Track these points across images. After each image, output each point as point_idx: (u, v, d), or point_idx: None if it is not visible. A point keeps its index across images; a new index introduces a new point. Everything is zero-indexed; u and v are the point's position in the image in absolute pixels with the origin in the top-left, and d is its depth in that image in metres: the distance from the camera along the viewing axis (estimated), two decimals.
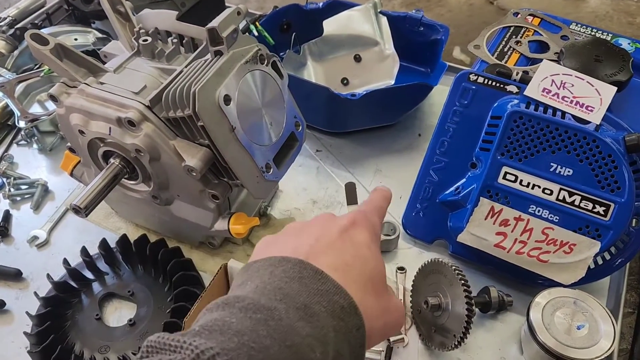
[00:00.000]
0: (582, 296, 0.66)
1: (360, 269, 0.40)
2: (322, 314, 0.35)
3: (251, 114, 0.65)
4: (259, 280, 0.37)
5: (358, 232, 0.43)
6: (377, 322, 0.39)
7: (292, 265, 0.37)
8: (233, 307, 0.33)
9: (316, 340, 0.33)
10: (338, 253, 0.40)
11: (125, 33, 0.76)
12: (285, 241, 0.43)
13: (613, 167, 0.66)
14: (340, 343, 0.35)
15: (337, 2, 1.04)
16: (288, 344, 0.32)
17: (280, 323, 0.33)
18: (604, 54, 0.77)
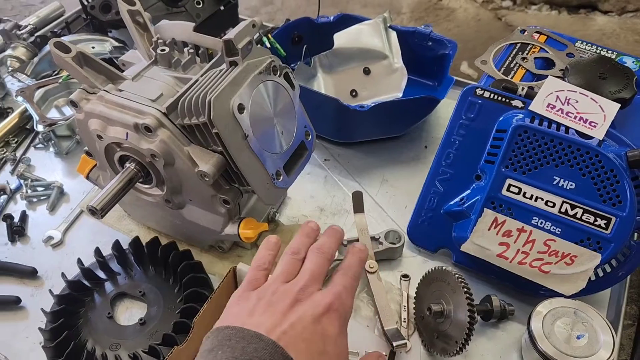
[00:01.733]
0: (583, 307, 0.67)
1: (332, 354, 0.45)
2: None
3: (263, 123, 0.68)
4: (231, 352, 0.40)
5: (330, 323, 0.47)
6: None
7: (265, 345, 0.41)
8: None
9: None
10: (309, 344, 0.44)
11: (144, 43, 0.79)
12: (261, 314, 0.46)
13: (615, 181, 0.68)
14: None
15: (347, 16, 1.07)
16: None
17: None
18: (609, 71, 0.79)
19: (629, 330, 0.73)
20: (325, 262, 0.53)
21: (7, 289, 0.77)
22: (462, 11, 3.39)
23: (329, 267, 0.55)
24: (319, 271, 0.52)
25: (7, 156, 0.96)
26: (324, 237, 0.57)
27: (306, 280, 0.50)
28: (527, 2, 3.38)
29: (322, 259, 0.53)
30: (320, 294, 0.49)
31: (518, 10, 3.34)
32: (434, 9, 3.41)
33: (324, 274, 0.53)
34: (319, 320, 0.46)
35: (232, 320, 0.45)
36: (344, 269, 0.54)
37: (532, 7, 3.35)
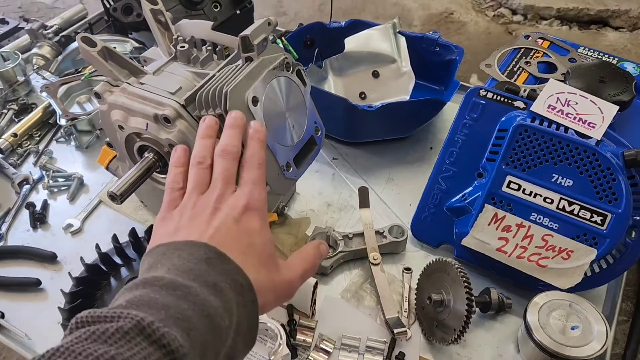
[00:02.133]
0: (578, 300, 0.70)
1: (253, 254, 0.47)
2: (227, 290, 0.42)
3: (276, 116, 0.71)
4: (170, 263, 0.43)
5: (250, 220, 0.49)
6: (268, 295, 0.47)
7: (198, 248, 0.44)
8: (153, 286, 0.39)
9: (225, 311, 0.41)
10: (236, 241, 0.47)
11: (164, 40, 0.83)
12: (187, 228, 0.48)
13: (611, 179, 0.71)
14: (241, 314, 0.43)
15: (358, 21, 1.11)
16: (205, 314, 0.39)
17: (197, 298, 0.40)
18: (608, 75, 0.82)
19: (624, 326, 0.75)
20: (233, 163, 0.54)
21: (29, 272, 0.81)
22: (473, 24, 3.43)
23: (237, 162, 0.55)
24: (229, 174, 0.53)
25: (31, 149, 1.00)
26: (225, 136, 0.56)
27: (219, 188, 0.51)
28: (538, 16, 3.41)
29: (228, 161, 0.54)
30: (234, 197, 0.51)
31: (529, 24, 3.37)
32: (445, 21, 3.46)
33: (234, 173, 0.54)
34: (240, 220, 0.49)
35: (161, 239, 0.47)
36: (247, 161, 0.55)
37: (542, 21, 3.38)
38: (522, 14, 3.42)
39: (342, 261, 0.82)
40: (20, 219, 0.89)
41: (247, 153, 0.55)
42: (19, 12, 1.36)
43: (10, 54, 1.11)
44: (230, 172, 0.53)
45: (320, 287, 0.79)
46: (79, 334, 0.34)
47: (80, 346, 0.32)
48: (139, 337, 0.34)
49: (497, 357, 0.72)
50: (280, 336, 0.70)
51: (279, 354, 0.69)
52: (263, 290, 0.46)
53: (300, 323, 0.73)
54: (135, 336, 0.34)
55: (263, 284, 0.47)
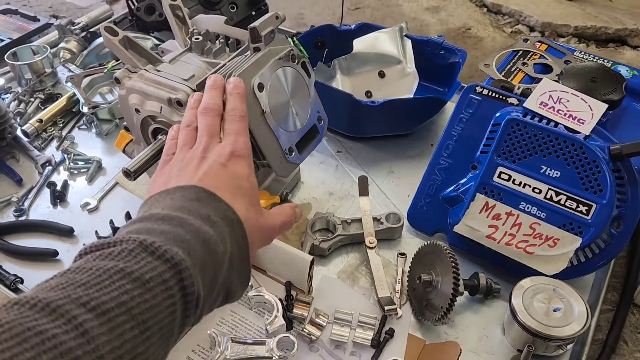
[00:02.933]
0: (561, 285, 0.73)
1: (242, 195, 0.51)
2: (219, 223, 0.45)
3: (280, 103, 0.77)
4: (162, 204, 0.46)
5: (236, 165, 0.53)
6: (255, 235, 0.51)
7: (189, 190, 0.47)
8: (149, 219, 0.43)
9: (219, 239, 0.44)
10: (224, 183, 0.50)
11: (181, 33, 0.89)
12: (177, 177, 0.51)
13: (597, 171, 0.74)
14: (233, 246, 0.46)
15: (367, 25, 1.16)
16: (201, 239, 0.42)
17: (193, 227, 0.43)
18: (600, 76, 0.85)
19: (608, 314, 0.78)
20: (214, 117, 0.57)
21: (47, 244, 0.87)
22: (490, 40, 3.46)
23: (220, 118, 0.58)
24: (212, 129, 0.56)
25: (54, 134, 1.07)
26: (205, 97, 0.60)
27: (204, 141, 0.55)
28: (556, 34, 3.44)
29: (210, 116, 0.57)
30: (220, 146, 0.54)
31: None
32: (462, 37, 3.50)
33: (217, 126, 0.57)
34: (227, 165, 0.52)
35: (154, 191, 0.50)
36: (229, 114, 0.58)
37: (560, 39, 3.41)
38: (539, 31, 3.45)
39: (340, 245, 0.86)
40: (42, 197, 0.96)
41: (228, 107, 0.59)
42: (50, 12, 1.45)
43: (39, 48, 1.18)
44: (213, 126, 0.56)
45: (318, 268, 0.83)
46: (86, 258, 0.38)
47: (89, 264, 0.37)
48: (143, 254, 0.38)
49: (483, 337, 0.75)
50: (277, 308, 0.74)
51: (275, 324, 0.73)
52: (251, 229, 0.49)
53: (297, 298, 0.78)
54: (140, 252, 0.38)
55: (251, 223, 0.49)
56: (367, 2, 3.80)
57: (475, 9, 3.84)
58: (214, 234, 0.44)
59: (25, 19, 1.38)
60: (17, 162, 1.02)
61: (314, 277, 0.81)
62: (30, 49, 1.18)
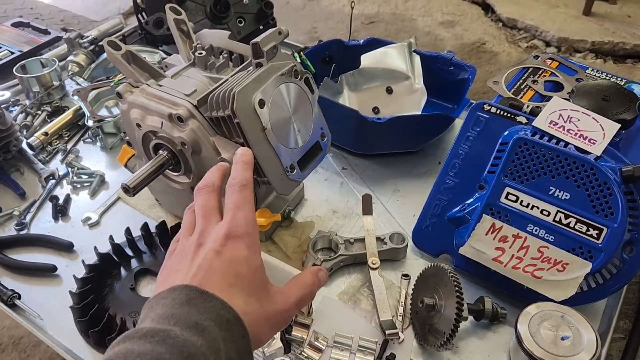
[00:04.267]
0: (569, 311, 0.70)
1: (240, 285, 0.46)
2: (211, 328, 0.41)
3: (281, 119, 0.75)
4: (154, 313, 0.42)
5: (234, 249, 0.47)
6: (262, 326, 0.46)
7: (180, 291, 0.43)
8: (133, 338, 0.39)
9: (209, 349, 0.39)
10: (220, 275, 0.45)
11: (185, 48, 0.89)
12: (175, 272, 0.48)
13: (608, 194, 0.71)
14: (230, 350, 0.41)
15: (375, 40, 1.15)
16: (185, 355, 0.38)
17: (177, 340, 0.38)
18: (612, 94, 0.83)
19: (620, 343, 0.74)
20: (211, 195, 0.53)
21: (46, 258, 0.86)
22: (505, 55, 3.44)
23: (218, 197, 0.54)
24: (208, 207, 0.52)
25: (59, 147, 1.07)
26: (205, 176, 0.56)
27: (201, 223, 0.50)
28: (572, 49, 3.40)
29: (205, 194, 0.53)
30: (216, 228, 0.49)
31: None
32: (477, 51, 3.48)
33: (215, 205, 0.52)
34: (222, 252, 0.47)
35: (158, 289, 0.47)
36: (228, 186, 0.52)
37: (577, 54, 3.37)
38: (555, 46, 3.42)
39: (342, 265, 0.84)
40: (44, 210, 0.95)
41: (230, 178, 0.53)
42: (61, 24, 1.46)
43: (48, 61, 1.19)
44: (208, 203, 0.52)
45: (320, 289, 0.81)
46: None
47: None
48: None
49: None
50: None
51: (272, 347, 0.71)
52: (255, 321, 0.45)
53: (296, 320, 0.76)
54: None
55: (254, 315, 0.45)
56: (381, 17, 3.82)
57: (491, 24, 3.84)
58: (204, 344, 0.39)
59: (37, 31, 1.39)
60: (21, 175, 1.02)
61: (315, 297, 0.78)
62: (39, 62, 1.19)
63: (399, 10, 3.80)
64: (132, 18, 1.42)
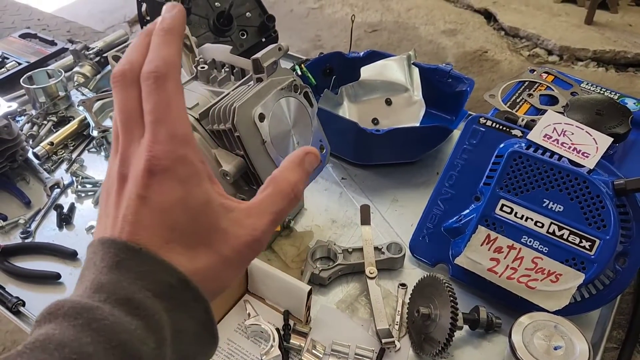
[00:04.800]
0: (563, 322, 0.71)
1: (179, 237, 0.34)
2: (149, 301, 0.32)
3: (281, 133, 0.77)
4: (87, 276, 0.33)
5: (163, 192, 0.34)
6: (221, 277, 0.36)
7: (107, 249, 0.33)
8: (57, 317, 0.31)
9: (147, 331, 0.31)
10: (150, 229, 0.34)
11: (188, 62, 0.91)
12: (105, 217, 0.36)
13: (600, 206, 0.73)
14: (179, 321, 0.33)
15: (375, 52, 1.17)
16: (114, 344, 0.30)
17: (104, 323, 0.30)
18: (606, 108, 0.84)
19: (613, 353, 0.76)
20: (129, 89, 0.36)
21: (51, 266, 0.88)
22: (507, 63, 3.46)
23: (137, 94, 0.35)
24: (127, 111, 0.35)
25: (64, 156, 1.09)
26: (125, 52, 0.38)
27: (122, 141, 0.36)
28: (574, 57, 3.42)
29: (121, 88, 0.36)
30: (137, 154, 0.35)
31: (564, 65, 3.38)
32: (479, 60, 3.50)
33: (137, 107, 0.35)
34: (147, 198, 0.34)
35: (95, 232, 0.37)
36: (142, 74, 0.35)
37: (578, 62, 3.39)
38: (557, 55, 3.44)
39: (341, 274, 0.85)
40: (48, 219, 0.97)
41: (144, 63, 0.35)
42: (67, 35, 1.48)
43: (54, 72, 1.21)
44: (125, 109, 0.36)
45: (318, 297, 0.83)
46: None
47: None
48: None
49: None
50: (273, 338, 0.74)
51: (270, 354, 0.72)
52: (210, 275, 0.35)
53: (294, 328, 0.77)
54: None
55: (207, 269, 0.35)
56: (384, 25, 3.85)
57: (493, 32, 3.86)
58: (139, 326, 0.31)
59: (43, 42, 1.42)
60: (27, 184, 1.04)
61: (313, 306, 0.80)
62: (45, 73, 1.21)
63: (401, 18, 3.83)
64: (137, 26, 1.45)
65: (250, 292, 0.83)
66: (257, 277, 0.80)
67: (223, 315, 0.79)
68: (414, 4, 3.99)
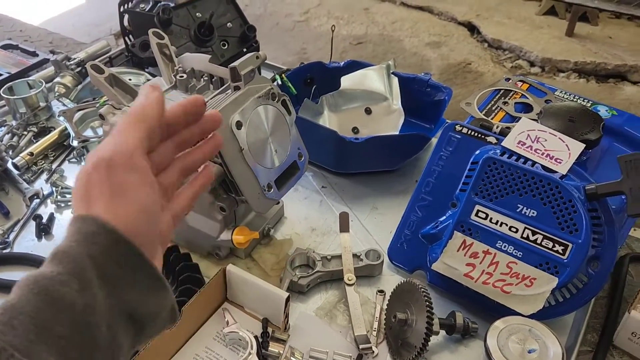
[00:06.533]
0: (537, 325, 0.72)
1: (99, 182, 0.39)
2: (71, 250, 0.36)
3: (259, 140, 0.78)
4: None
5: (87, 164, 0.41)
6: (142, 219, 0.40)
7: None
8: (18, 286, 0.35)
9: (68, 275, 0.35)
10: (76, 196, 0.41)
11: (167, 71, 0.92)
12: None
13: (573, 211, 0.74)
14: (104, 265, 0.36)
15: (355, 62, 1.19)
16: (36, 292, 0.34)
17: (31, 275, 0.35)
18: (578, 116, 0.86)
19: (587, 356, 0.76)
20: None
21: None
22: (490, 75, 3.51)
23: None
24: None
25: (45, 167, 1.09)
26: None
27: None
28: (556, 69, 3.47)
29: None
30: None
31: (546, 76, 3.43)
32: (463, 71, 3.54)
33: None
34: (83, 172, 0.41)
35: None
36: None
37: (560, 74, 3.44)
38: (539, 66, 3.49)
39: (319, 281, 0.86)
40: (27, 230, 0.96)
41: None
42: (50, 47, 1.49)
43: (35, 82, 1.21)
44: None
45: (297, 305, 0.83)
46: None
47: None
48: None
49: None
50: (251, 346, 0.74)
51: None
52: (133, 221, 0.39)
53: (272, 336, 0.77)
54: None
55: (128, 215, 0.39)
56: (369, 37, 3.88)
57: (476, 44, 3.91)
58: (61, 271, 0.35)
59: (25, 54, 1.42)
60: (6, 195, 1.03)
61: (292, 313, 0.81)
62: (26, 84, 1.21)
63: (386, 31, 3.87)
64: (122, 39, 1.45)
65: (229, 300, 0.83)
66: (235, 285, 0.80)
67: (202, 323, 0.79)
68: (398, 16, 4.04)
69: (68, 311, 0.34)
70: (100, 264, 0.37)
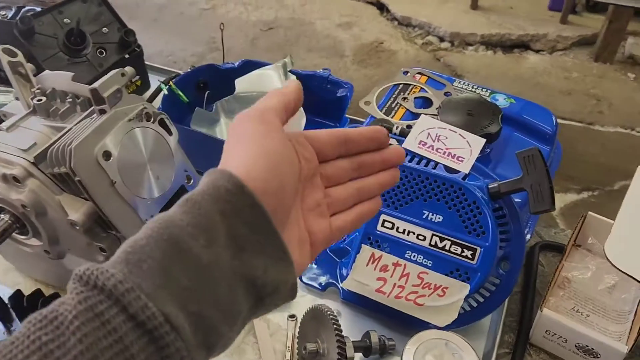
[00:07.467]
0: (452, 337, 0.69)
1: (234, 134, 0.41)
2: (204, 202, 0.35)
3: (134, 169, 0.69)
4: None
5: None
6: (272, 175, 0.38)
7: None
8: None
9: (197, 228, 0.34)
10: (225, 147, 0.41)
11: (26, 93, 0.80)
12: None
13: (478, 213, 0.71)
14: (234, 226, 0.35)
15: (251, 62, 1.10)
16: (165, 238, 0.32)
17: (159, 221, 0.33)
18: (476, 108, 0.83)
19: (506, 358, 0.74)
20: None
21: None
22: (403, 53, 3.52)
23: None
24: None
25: None
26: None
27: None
28: (464, 43, 3.54)
29: None
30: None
31: (456, 51, 3.49)
32: (376, 51, 3.53)
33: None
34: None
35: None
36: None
37: (469, 47, 3.51)
38: (449, 41, 3.55)
39: None
40: None
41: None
42: None
43: None
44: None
45: None
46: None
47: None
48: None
49: None
50: None
51: None
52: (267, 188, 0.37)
53: None
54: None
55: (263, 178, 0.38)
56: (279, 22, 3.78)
57: (387, 23, 3.92)
58: (190, 222, 0.34)
59: None
60: None
61: None
62: None
63: (296, 14, 3.79)
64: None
65: None
66: None
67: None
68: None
69: (194, 265, 0.33)
70: (231, 224, 0.35)
